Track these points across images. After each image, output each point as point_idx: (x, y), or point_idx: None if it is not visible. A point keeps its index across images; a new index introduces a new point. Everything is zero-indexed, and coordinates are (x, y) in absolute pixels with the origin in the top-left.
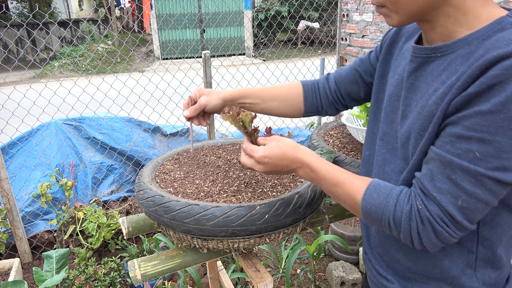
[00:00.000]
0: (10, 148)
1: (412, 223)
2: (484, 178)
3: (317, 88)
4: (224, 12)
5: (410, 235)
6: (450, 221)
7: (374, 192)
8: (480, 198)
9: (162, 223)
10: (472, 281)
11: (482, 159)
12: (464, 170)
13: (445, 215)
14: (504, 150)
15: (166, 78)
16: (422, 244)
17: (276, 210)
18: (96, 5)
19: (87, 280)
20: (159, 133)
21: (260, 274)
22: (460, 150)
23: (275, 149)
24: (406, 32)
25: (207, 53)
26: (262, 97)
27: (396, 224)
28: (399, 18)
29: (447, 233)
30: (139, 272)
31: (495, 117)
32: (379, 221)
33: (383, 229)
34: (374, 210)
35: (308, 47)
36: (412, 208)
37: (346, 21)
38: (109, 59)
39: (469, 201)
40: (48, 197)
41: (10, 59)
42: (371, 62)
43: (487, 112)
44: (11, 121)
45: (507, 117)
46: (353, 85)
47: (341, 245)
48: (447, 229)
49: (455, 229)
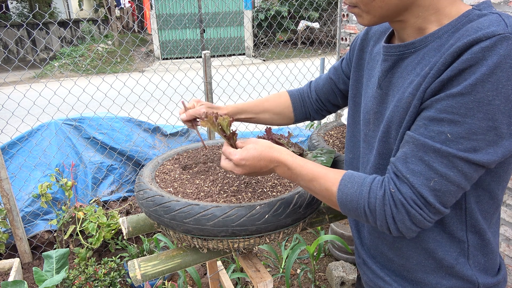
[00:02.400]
0: (10, 148)
1: (386, 208)
2: (455, 159)
3: (303, 98)
4: (224, 12)
5: (385, 220)
6: (423, 203)
7: (349, 182)
8: (451, 179)
9: (162, 223)
10: (466, 268)
11: (453, 140)
12: (436, 151)
13: (418, 197)
14: (474, 131)
15: (166, 78)
16: (398, 229)
17: (276, 210)
18: (96, 5)
19: (87, 280)
20: (159, 133)
21: (260, 274)
22: (433, 132)
23: (252, 151)
24: (374, 36)
25: (207, 53)
26: (255, 111)
27: (371, 211)
28: (371, 19)
29: (421, 216)
30: (139, 272)
31: (466, 99)
32: (355, 210)
33: (360, 219)
34: (349, 199)
35: (308, 47)
36: (386, 193)
37: (346, 21)
38: (109, 59)
39: (441, 183)
40: (48, 197)
41: (10, 59)
42: (343, 70)
43: (457, 94)
44: (11, 121)
45: (476, 99)
46: (330, 93)
47: (341, 245)
48: (420, 212)
49: (428, 212)
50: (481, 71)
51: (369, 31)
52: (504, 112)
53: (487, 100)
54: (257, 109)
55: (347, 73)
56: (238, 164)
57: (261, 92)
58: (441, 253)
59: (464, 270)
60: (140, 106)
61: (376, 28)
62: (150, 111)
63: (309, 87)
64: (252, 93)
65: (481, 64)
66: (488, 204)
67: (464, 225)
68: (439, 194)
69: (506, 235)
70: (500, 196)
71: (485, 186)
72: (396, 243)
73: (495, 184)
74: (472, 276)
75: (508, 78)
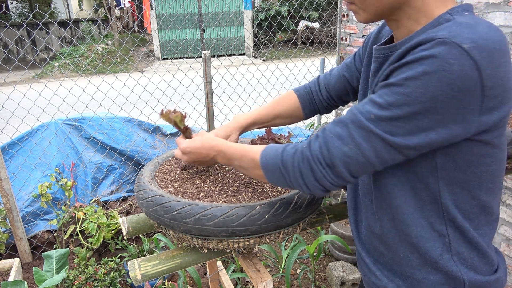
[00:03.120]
0: (10, 148)
1: (295, 163)
2: (372, 134)
3: (312, 96)
4: (224, 12)
5: (295, 176)
6: (328, 164)
7: (269, 149)
8: (363, 151)
9: (162, 223)
10: (450, 264)
11: (375, 121)
12: (359, 123)
13: (324, 156)
14: (396, 119)
15: (166, 78)
16: (306, 185)
17: (276, 210)
18: (96, 5)
19: (87, 280)
20: (159, 133)
21: (260, 274)
22: (364, 109)
23: (196, 141)
24: (384, 35)
25: (207, 53)
26: (267, 119)
27: (285, 168)
28: (366, 15)
29: (322, 175)
30: (139, 272)
31: (396, 89)
32: (273, 171)
33: (281, 183)
34: (270, 162)
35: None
36: (297, 150)
37: (346, 21)
38: (109, 59)
39: (353, 150)
40: (48, 197)
41: (10, 59)
42: (356, 68)
43: (391, 84)
44: (11, 121)
45: (405, 92)
46: (343, 90)
47: (341, 245)
48: (322, 170)
49: (331, 173)
50: (416, 69)
51: (381, 30)
52: (428, 110)
53: (414, 96)
54: (269, 117)
55: (360, 70)
56: (184, 152)
57: (261, 92)
58: (424, 247)
59: (448, 266)
60: (140, 106)
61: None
62: (150, 111)
63: (317, 84)
64: (252, 93)
65: (418, 63)
66: (469, 204)
67: (442, 219)
68: (348, 160)
69: (506, 235)
70: (483, 198)
71: (461, 183)
72: (383, 236)
73: (475, 185)
74: (457, 272)
75: (439, 80)
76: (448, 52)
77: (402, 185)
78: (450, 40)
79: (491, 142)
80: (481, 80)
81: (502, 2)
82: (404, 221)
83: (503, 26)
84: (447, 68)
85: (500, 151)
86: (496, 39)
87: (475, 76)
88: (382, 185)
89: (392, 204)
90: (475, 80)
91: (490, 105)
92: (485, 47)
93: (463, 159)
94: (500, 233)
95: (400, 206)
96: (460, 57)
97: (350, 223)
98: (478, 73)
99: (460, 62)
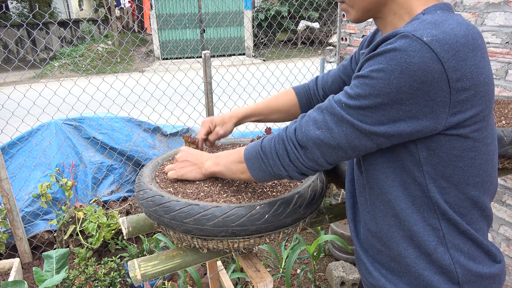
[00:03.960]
0: (10, 148)
1: (271, 145)
2: (343, 120)
3: (310, 94)
4: (224, 12)
5: (273, 157)
6: (302, 145)
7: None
8: (335, 135)
9: (162, 223)
10: (445, 258)
11: (345, 109)
12: (333, 109)
13: (298, 138)
14: (362, 108)
15: (166, 78)
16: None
17: (276, 210)
18: (96, 5)
19: (87, 280)
20: (159, 133)
21: (260, 274)
22: (337, 98)
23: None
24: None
25: (207, 53)
26: (264, 113)
27: (264, 153)
28: (356, 13)
29: (295, 156)
30: (139, 272)
31: (363, 80)
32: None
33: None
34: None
35: (308, 47)
36: (274, 134)
37: (346, 21)
38: (109, 59)
39: (326, 135)
40: (48, 197)
41: (10, 59)
42: (352, 69)
43: (359, 76)
44: (11, 121)
45: (371, 83)
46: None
47: (341, 245)
48: (295, 151)
49: (303, 155)
50: (380, 60)
51: (376, 33)
52: (394, 101)
53: (379, 86)
54: (267, 111)
55: None
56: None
57: (261, 92)
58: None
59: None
60: (140, 106)
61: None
62: (150, 111)
63: (315, 84)
64: (252, 93)
65: (382, 56)
66: (458, 199)
67: (434, 213)
68: (321, 144)
69: (506, 235)
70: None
71: (446, 178)
72: (379, 233)
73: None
74: (450, 265)
75: (401, 71)
76: (408, 45)
77: (392, 181)
78: (411, 34)
79: (470, 136)
80: (445, 72)
81: (502, 2)
82: (397, 216)
83: (503, 26)
84: (408, 60)
85: (483, 145)
86: (462, 33)
87: (437, 68)
88: (373, 181)
89: (384, 200)
90: (438, 72)
91: (460, 98)
92: (447, 40)
93: (445, 153)
94: (500, 233)
95: (392, 201)
96: (421, 49)
97: (349, 223)
98: (441, 65)
99: (420, 54)
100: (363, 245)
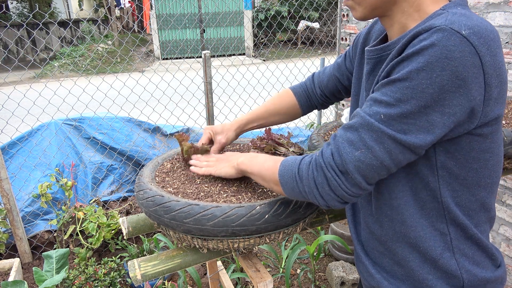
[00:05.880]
0: (10, 148)
1: (309, 171)
2: (384, 135)
3: (308, 93)
4: (224, 12)
5: (309, 185)
6: (342, 171)
7: (289, 158)
8: (376, 154)
9: (162, 223)
10: (451, 263)
11: (385, 121)
12: (370, 126)
13: (336, 163)
14: (406, 115)
15: (166, 78)
16: (321, 196)
17: (276, 210)
18: (96, 5)
19: (87, 280)
20: (159, 133)
21: (260, 274)
22: (372, 111)
23: None
24: (374, 34)
25: (207, 53)
26: (264, 117)
27: (300, 177)
28: (362, 11)
29: (337, 183)
30: (139, 272)
31: (401, 84)
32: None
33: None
34: (287, 170)
35: (308, 47)
36: (312, 158)
37: (346, 21)
38: (109, 59)
39: (366, 155)
40: (48, 197)
41: (10, 59)
42: (346, 67)
43: (395, 80)
44: (11, 121)
45: (411, 85)
46: (335, 89)
47: (341, 245)
48: (336, 178)
49: (345, 181)
50: (418, 60)
51: (371, 30)
52: (437, 101)
53: (420, 87)
54: (266, 115)
55: (351, 70)
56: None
57: (261, 92)
58: (424, 247)
59: (448, 265)
60: (140, 106)
61: (378, 27)
62: (150, 111)
63: (312, 82)
64: (252, 93)
65: (419, 53)
66: (469, 201)
67: (443, 218)
68: (361, 165)
69: (506, 235)
70: (482, 194)
71: (460, 180)
72: (383, 237)
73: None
74: (456, 271)
75: (443, 68)
76: (447, 39)
77: (402, 186)
78: (448, 27)
79: (489, 136)
80: (482, 67)
81: (502, 2)
82: (404, 221)
83: (503, 26)
84: (449, 55)
85: (497, 146)
86: (490, 29)
87: (476, 62)
88: (382, 186)
89: (391, 205)
90: (477, 66)
91: (492, 95)
92: (482, 34)
93: (463, 156)
94: (500, 233)
95: (400, 207)
96: (460, 43)
97: (348, 224)
98: (479, 59)
99: (460, 49)
100: (364, 247)
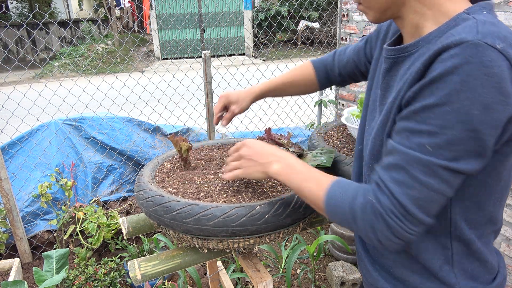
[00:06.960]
0: (10, 148)
1: (366, 216)
2: (437, 167)
3: (327, 69)
4: (224, 12)
5: (365, 229)
6: (403, 214)
7: (338, 188)
8: (433, 187)
9: (162, 223)
10: (450, 277)
11: (433, 152)
12: (417, 160)
13: (397, 207)
14: (453, 142)
15: (166, 78)
16: (379, 240)
17: (276, 210)
18: (96, 5)
19: (87, 280)
20: (159, 133)
21: (260, 274)
22: (414, 144)
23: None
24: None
25: (207, 53)
26: (280, 88)
27: (354, 219)
28: (373, 14)
29: (400, 228)
30: (139, 272)
31: (442, 109)
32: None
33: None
34: (338, 203)
35: (308, 47)
36: (367, 202)
37: (346, 21)
38: (109, 59)
39: (422, 191)
40: (48, 197)
41: (10, 59)
42: (365, 53)
43: (433, 105)
44: (11, 121)
45: (453, 109)
46: (352, 72)
47: (341, 245)
48: (399, 223)
49: (408, 223)
50: (454, 80)
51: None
52: (484, 121)
53: (464, 110)
54: (282, 86)
55: (369, 58)
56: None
57: None
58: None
59: (447, 277)
60: (140, 106)
61: None
62: (150, 111)
63: (333, 60)
64: None
65: (453, 72)
66: (477, 216)
67: (448, 233)
68: (420, 203)
69: (506, 235)
70: (491, 208)
71: (471, 197)
72: None
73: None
74: (455, 284)
75: (483, 85)
76: (483, 54)
77: None
78: (482, 42)
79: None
80: None
81: (502, 2)
82: None
83: None
84: (487, 72)
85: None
86: None
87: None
88: None
89: None
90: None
91: None
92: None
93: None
94: (501, 233)
95: None
96: (497, 58)
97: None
98: None
99: (498, 64)
100: (365, 246)
